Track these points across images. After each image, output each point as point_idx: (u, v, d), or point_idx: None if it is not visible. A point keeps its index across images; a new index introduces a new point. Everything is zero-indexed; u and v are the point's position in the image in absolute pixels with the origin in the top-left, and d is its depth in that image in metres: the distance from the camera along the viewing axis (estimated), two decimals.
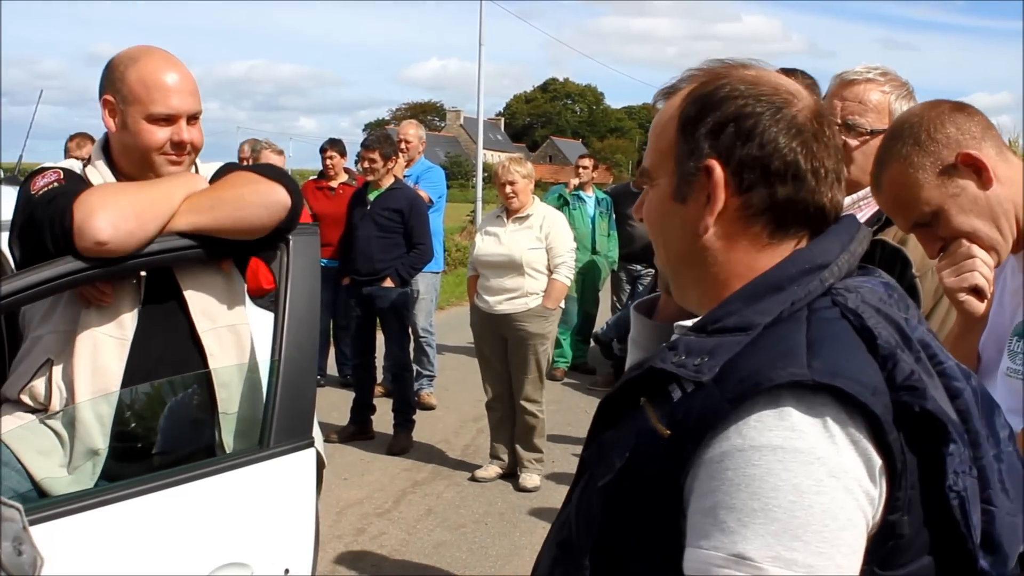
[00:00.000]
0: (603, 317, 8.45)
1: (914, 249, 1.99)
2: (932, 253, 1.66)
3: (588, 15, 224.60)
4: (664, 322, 1.16)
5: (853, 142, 2.11)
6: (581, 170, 8.30)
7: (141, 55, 2.08)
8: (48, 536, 1.61)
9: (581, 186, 8.26)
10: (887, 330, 0.94)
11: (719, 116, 1.01)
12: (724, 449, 0.87)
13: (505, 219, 5.26)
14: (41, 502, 1.94)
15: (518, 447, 5.32)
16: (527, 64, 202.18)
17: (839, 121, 2.10)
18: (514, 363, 5.24)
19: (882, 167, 1.66)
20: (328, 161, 7.12)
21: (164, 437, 2.21)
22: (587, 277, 8.09)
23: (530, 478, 5.26)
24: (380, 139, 5.89)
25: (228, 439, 2.18)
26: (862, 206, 2.14)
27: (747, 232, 1.02)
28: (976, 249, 1.59)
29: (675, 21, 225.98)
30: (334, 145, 7.21)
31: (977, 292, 1.60)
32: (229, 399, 2.18)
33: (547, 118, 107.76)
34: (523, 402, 5.24)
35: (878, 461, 0.88)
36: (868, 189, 2.14)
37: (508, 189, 5.19)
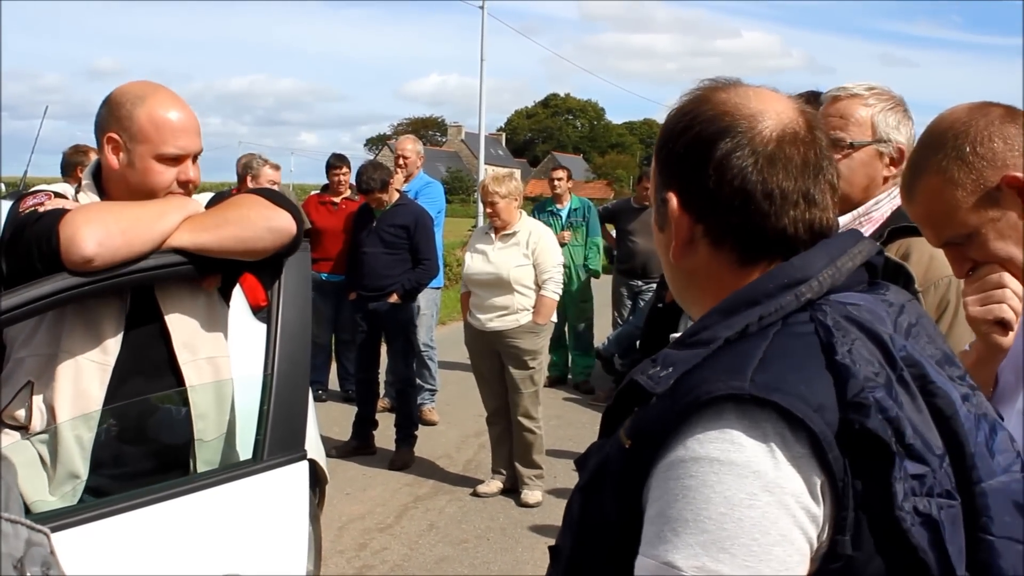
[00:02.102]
0: (604, 332, 8.44)
1: (916, 264, 1.99)
2: (960, 273, 1.54)
3: (588, 31, 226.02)
4: None
5: (836, 156, 2.12)
6: (556, 182, 8.12)
7: (147, 94, 2.07)
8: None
9: (556, 199, 8.13)
10: (866, 347, 0.93)
11: (677, 146, 1.04)
12: (670, 460, 0.89)
13: (492, 236, 5.26)
14: (41, 514, 1.95)
15: (517, 464, 5.31)
16: (528, 79, 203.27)
17: None
18: (509, 380, 5.24)
19: (917, 175, 1.51)
20: (340, 178, 7.08)
21: (141, 463, 2.20)
22: (564, 293, 7.95)
23: (532, 494, 5.25)
24: (374, 177, 5.81)
25: (201, 466, 2.20)
26: (863, 222, 2.14)
27: (718, 257, 1.04)
28: (1008, 278, 1.46)
29: (674, 37, 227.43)
30: (344, 162, 7.18)
31: (1003, 325, 1.48)
32: (205, 429, 2.19)
33: (548, 133, 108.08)
34: (520, 418, 5.23)
35: (819, 479, 0.87)
36: (866, 206, 2.15)
37: (489, 209, 5.21)
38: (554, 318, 5.40)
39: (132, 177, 2.07)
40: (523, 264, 5.17)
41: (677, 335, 1.05)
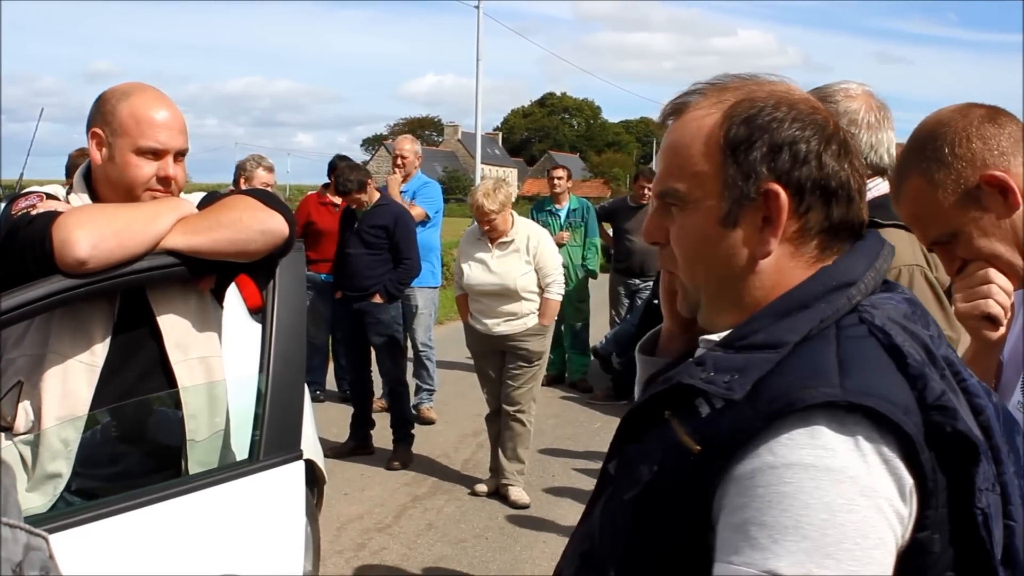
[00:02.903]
0: (601, 331, 8.44)
1: (899, 257, 2.01)
2: (951, 271, 1.58)
3: (584, 31, 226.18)
4: (668, 358, 1.18)
5: None
6: (556, 181, 8.03)
7: (134, 91, 2.09)
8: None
9: (555, 198, 8.07)
10: (914, 347, 0.95)
11: (772, 139, 1.00)
12: (755, 466, 0.88)
13: (489, 244, 5.22)
14: (38, 516, 1.95)
15: (502, 458, 5.26)
16: (524, 79, 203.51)
17: None
18: (508, 374, 5.24)
19: (902, 179, 1.56)
20: None
21: (131, 463, 2.19)
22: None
23: (519, 493, 5.21)
24: (351, 178, 5.79)
25: (193, 467, 2.19)
26: None
27: (800, 252, 1.02)
28: (993, 274, 1.50)
29: (670, 36, 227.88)
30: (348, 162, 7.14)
31: (991, 319, 1.51)
32: (197, 430, 2.18)
33: (545, 132, 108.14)
34: (515, 412, 5.20)
35: (909, 480, 0.88)
36: None
37: (487, 227, 5.17)
38: (555, 318, 5.41)
39: (112, 172, 2.08)
40: (526, 271, 5.16)
41: (713, 336, 1.03)
